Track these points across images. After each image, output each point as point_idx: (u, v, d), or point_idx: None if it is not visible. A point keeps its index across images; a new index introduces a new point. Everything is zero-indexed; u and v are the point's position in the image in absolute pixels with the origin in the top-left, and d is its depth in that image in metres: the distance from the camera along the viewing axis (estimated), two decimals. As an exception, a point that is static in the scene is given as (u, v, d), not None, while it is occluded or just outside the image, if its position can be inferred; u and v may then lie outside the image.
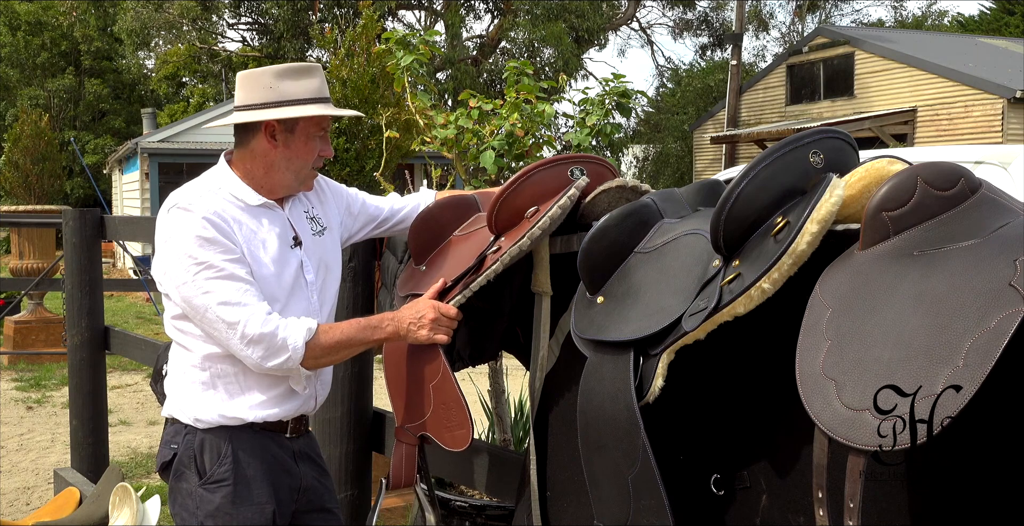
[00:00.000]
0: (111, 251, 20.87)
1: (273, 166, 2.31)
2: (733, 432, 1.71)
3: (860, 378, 1.23)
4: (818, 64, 21.78)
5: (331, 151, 2.38)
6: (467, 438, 2.14)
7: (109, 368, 5.48)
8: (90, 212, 4.52)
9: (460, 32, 26.22)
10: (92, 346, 4.46)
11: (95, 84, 32.14)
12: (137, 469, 5.88)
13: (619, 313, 1.75)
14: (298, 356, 2.17)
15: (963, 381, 1.13)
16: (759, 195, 1.56)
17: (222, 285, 2.16)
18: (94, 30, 31.56)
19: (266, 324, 2.16)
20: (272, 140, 2.29)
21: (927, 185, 1.37)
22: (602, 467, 1.68)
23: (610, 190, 2.08)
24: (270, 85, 2.28)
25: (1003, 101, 17.47)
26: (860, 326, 1.28)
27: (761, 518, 1.63)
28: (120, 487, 3.78)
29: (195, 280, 2.17)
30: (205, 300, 2.17)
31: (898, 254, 1.33)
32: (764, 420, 1.67)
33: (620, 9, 29.63)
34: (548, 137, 3.93)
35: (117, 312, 13.41)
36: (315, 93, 2.31)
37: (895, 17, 36.20)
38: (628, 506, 1.63)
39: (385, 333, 2.21)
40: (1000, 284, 1.17)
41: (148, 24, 24.98)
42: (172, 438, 2.37)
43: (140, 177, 20.15)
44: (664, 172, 27.55)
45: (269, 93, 2.28)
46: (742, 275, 1.53)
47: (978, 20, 34.36)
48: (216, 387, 2.31)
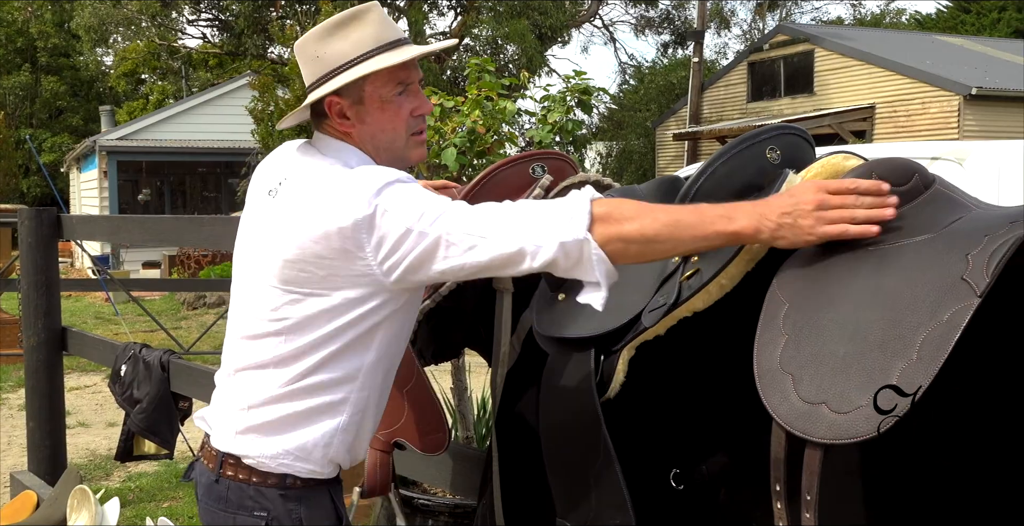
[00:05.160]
0: (69, 251, 20.60)
1: (372, 144, 1.84)
2: (692, 427, 1.72)
3: (816, 372, 1.24)
4: (779, 61, 21.97)
5: (429, 105, 1.90)
6: (443, 442, 2.13)
7: (67, 369, 5.41)
8: (46, 211, 4.45)
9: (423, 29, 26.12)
10: (49, 347, 4.40)
11: (52, 81, 31.70)
12: (96, 471, 5.81)
13: (580, 310, 1.75)
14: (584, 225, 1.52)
15: (917, 374, 1.14)
16: (717, 191, 1.57)
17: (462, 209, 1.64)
18: (51, 26, 31.12)
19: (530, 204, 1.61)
20: (345, 120, 1.82)
21: (881, 180, 1.38)
22: (564, 464, 1.69)
23: (572, 186, 2.09)
24: (316, 54, 1.81)
25: (959, 98, 17.72)
26: (816, 320, 1.29)
27: (720, 512, 1.65)
28: (78, 489, 3.74)
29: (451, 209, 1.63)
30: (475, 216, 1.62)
31: (852, 248, 1.35)
32: (723, 415, 1.68)
33: (583, 6, 29.68)
34: (510, 134, 3.93)
35: (75, 312, 13.24)
36: (375, 42, 1.80)
37: (854, 15, 36.61)
38: (591, 502, 1.63)
39: (741, 225, 1.46)
40: (953, 278, 1.18)
41: (106, 20, 24.63)
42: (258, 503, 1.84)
43: (98, 175, 19.90)
44: (627, 169, 27.65)
45: (317, 65, 1.81)
46: (701, 271, 1.54)
47: (935, 18, 34.82)
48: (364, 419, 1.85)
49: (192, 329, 11.41)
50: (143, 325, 11.24)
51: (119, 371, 3.80)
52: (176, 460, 4.66)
